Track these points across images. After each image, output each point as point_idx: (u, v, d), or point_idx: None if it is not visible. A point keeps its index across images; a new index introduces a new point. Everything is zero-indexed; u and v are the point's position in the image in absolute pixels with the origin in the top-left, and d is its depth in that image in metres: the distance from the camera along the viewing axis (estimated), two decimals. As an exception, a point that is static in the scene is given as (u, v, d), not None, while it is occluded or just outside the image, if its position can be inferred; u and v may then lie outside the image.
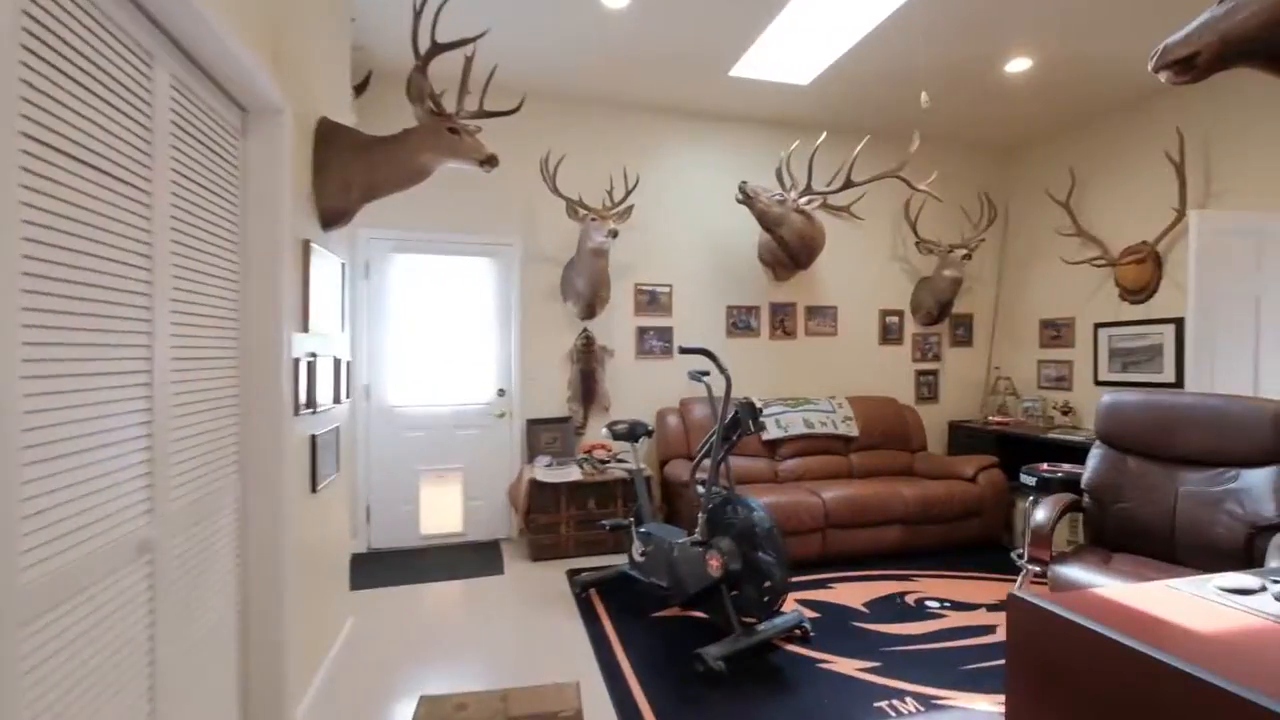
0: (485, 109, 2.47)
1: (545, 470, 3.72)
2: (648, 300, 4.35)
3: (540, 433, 4.06)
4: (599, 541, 3.73)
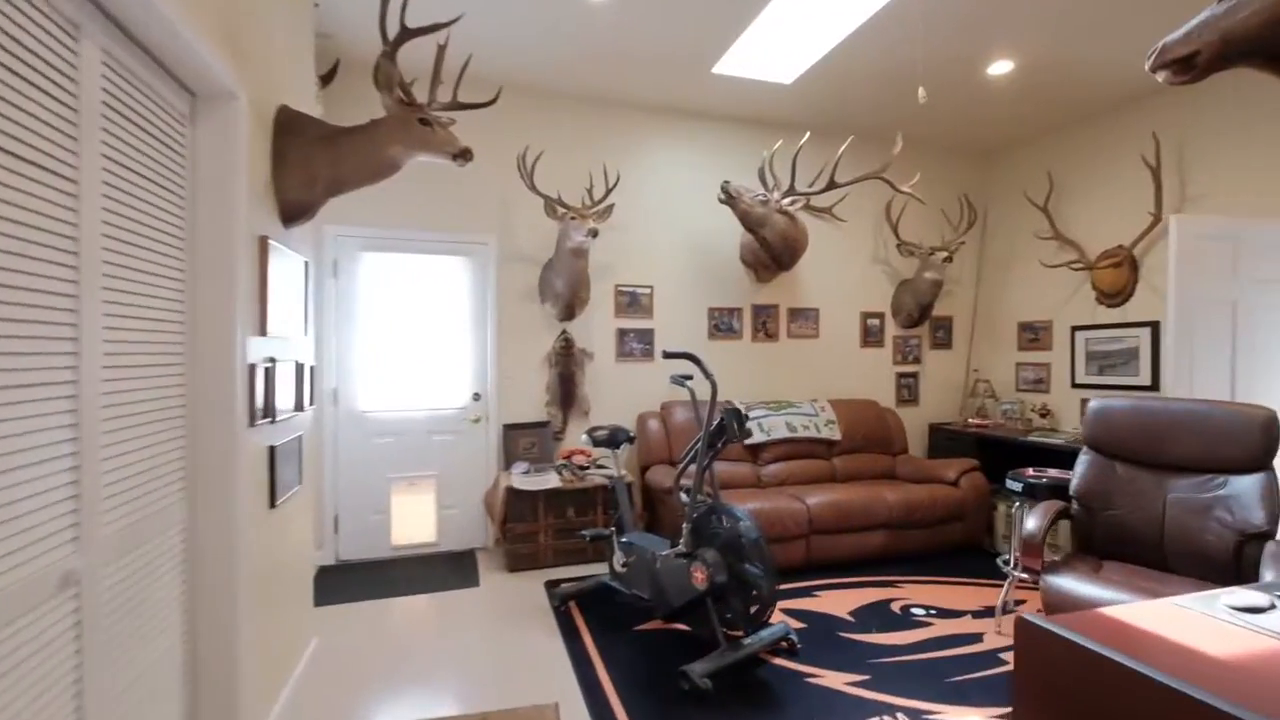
0: (459, 100, 2.35)
1: (522, 477, 3.60)
2: (628, 302, 4.25)
3: (517, 438, 3.93)
4: (578, 551, 3.62)
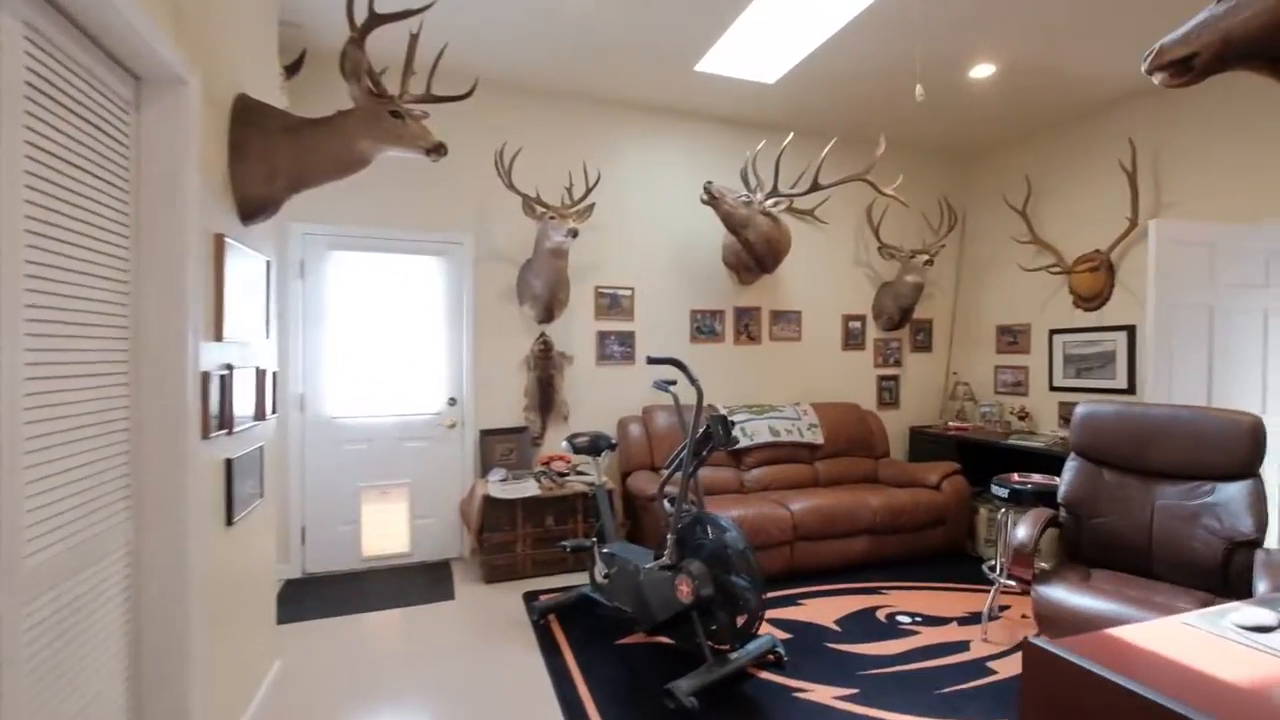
0: (433, 93, 2.23)
1: (500, 485, 3.48)
2: (609, 303, 4.16)
3: (495, 444, 3.81)
4: (558, 561, 3.51)
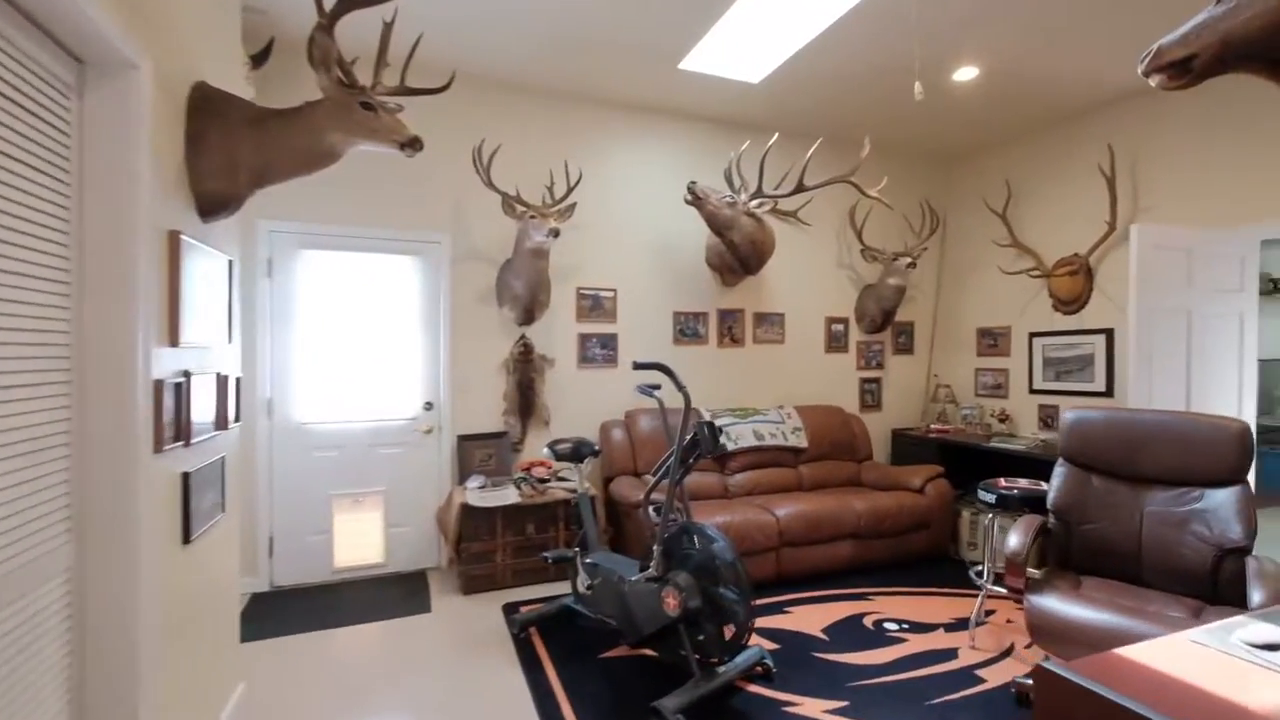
0: (407, 85, 2.13)
1: (478, 492, 3.37)
2: (590, 305, 4.07)
3: (473, 450, 3.69)
4: (539, 570, 3.41)
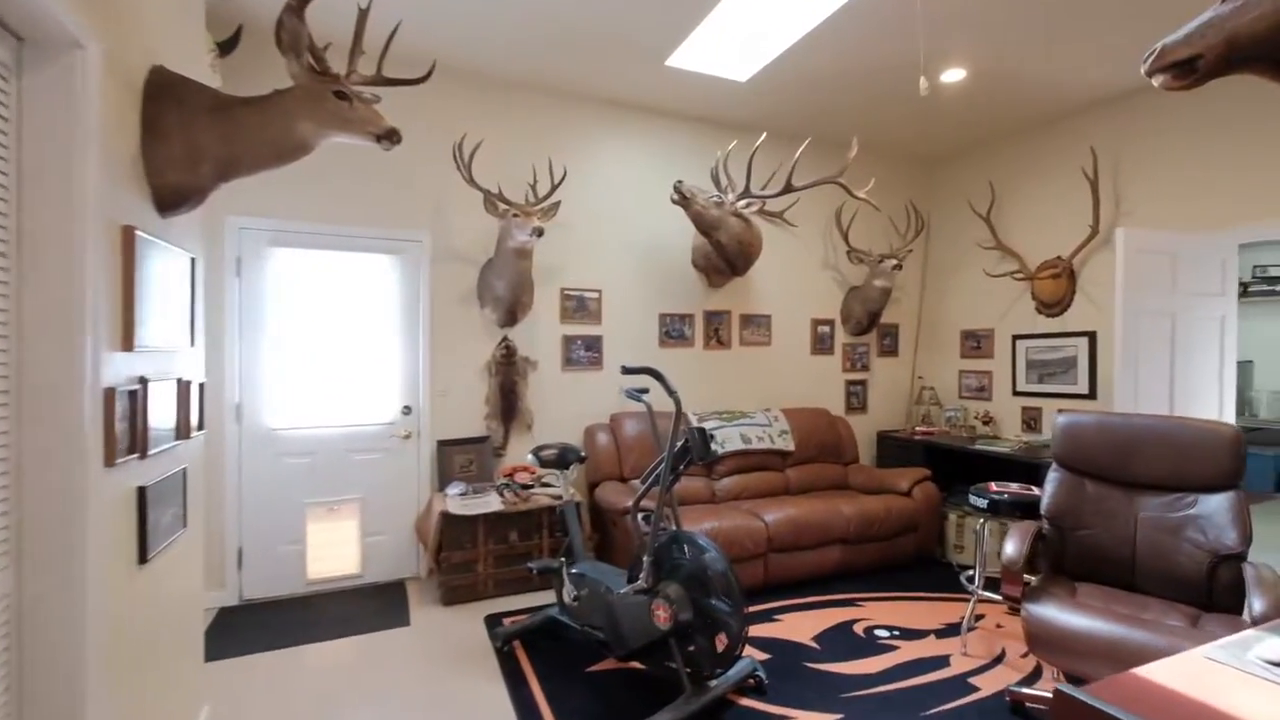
0: (384, 75, 2.02)
1: (459, 500, 3.26)
2: (575, 306, 3.98)
3: (453, 455, 3.58)
4: (522, 579, 3.31)
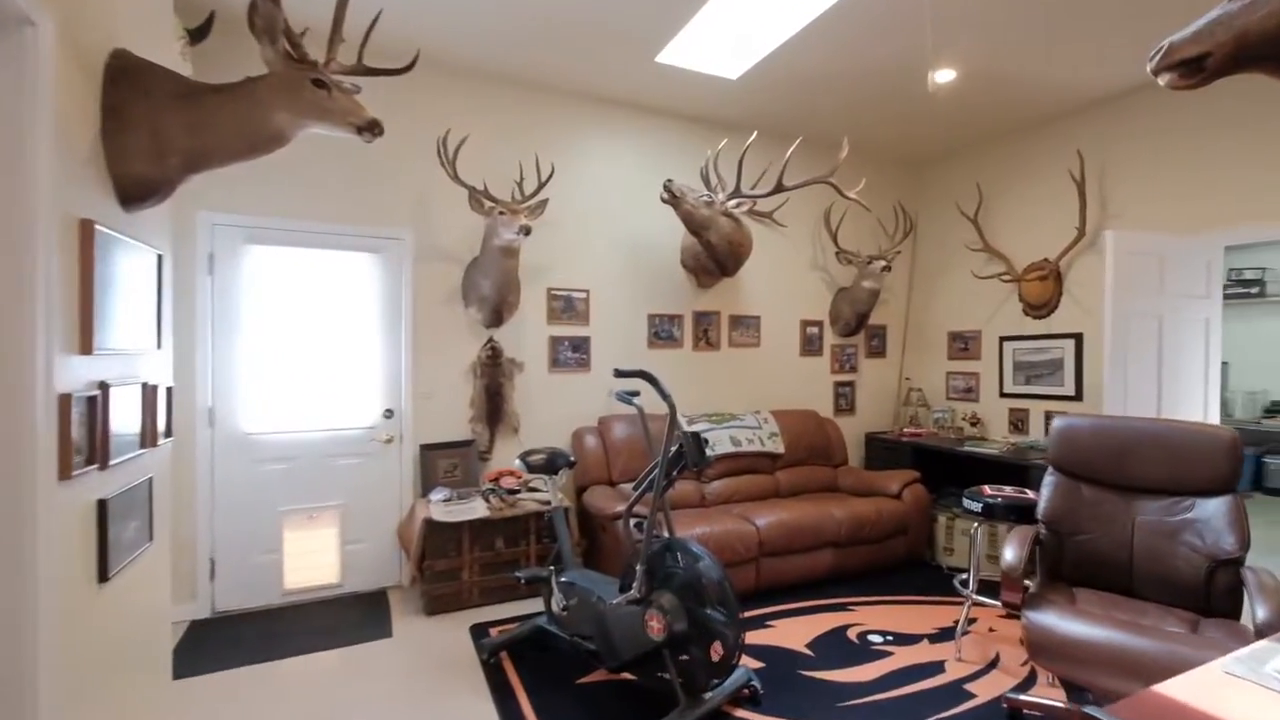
0: (365, 64, 1.93)
1: (443, 506, 3.16)
2: (562, 307, 3.89)
3: (437, 460, 3.48)
4: (509, 587, 3.22)
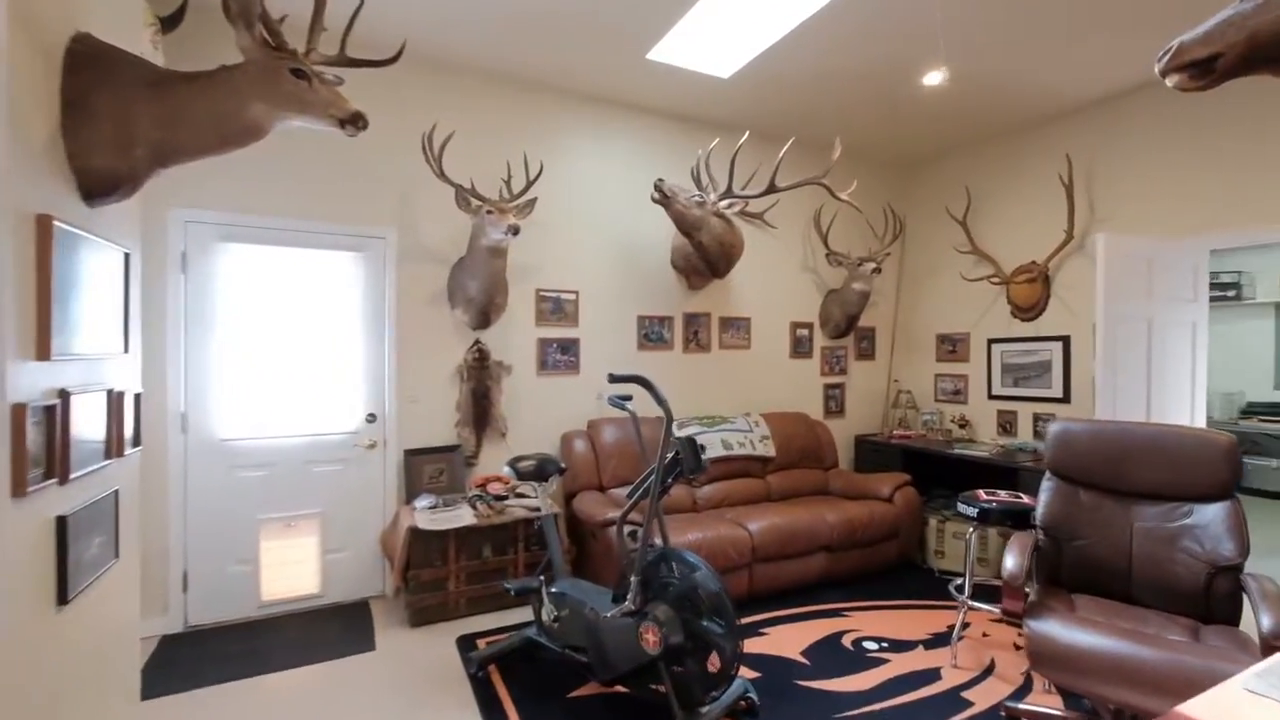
0: (348, 55, 1.84)
1: (428, 514, 3.06)
2: (551, 308, 3.81)
3: (421, 465, 3.38)
4: (496, 596, 3.13)
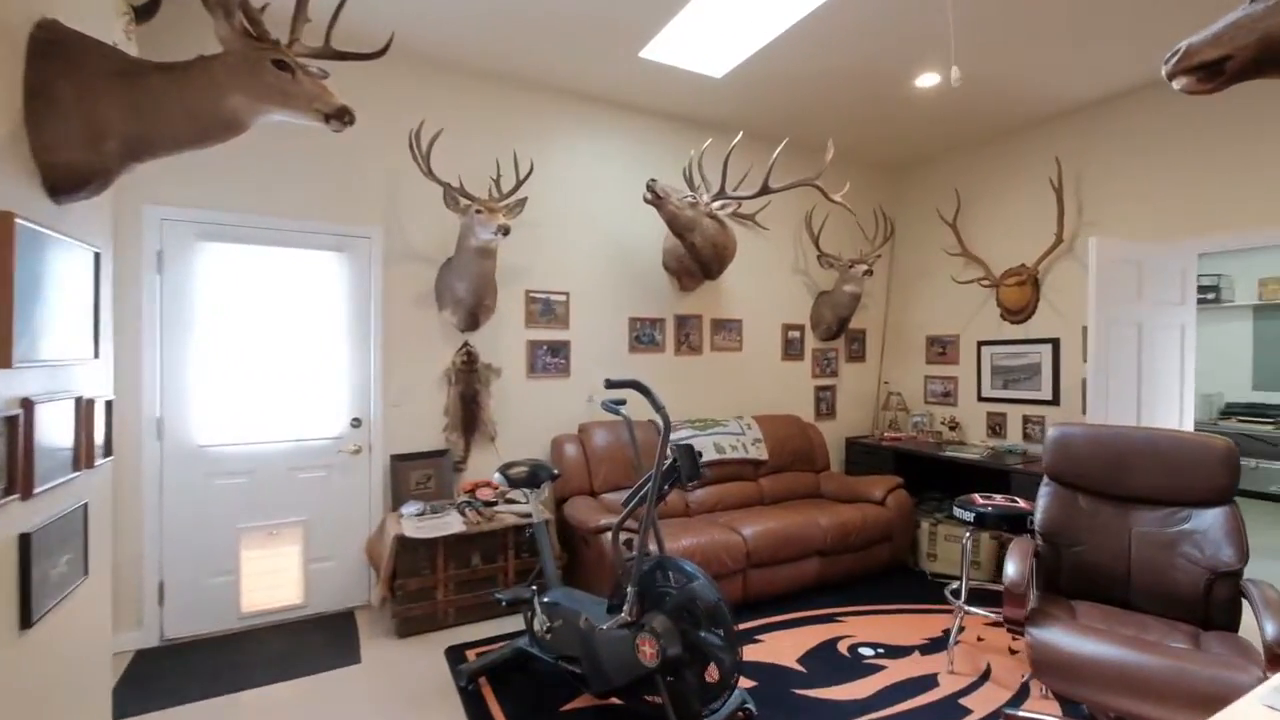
0: (333, 47, 1.76)
1: (416, 521, 2.98)
2: (541, 310, 3.75)
3: (408, 471, 3.29)
4: (486, 605, 3.06)
